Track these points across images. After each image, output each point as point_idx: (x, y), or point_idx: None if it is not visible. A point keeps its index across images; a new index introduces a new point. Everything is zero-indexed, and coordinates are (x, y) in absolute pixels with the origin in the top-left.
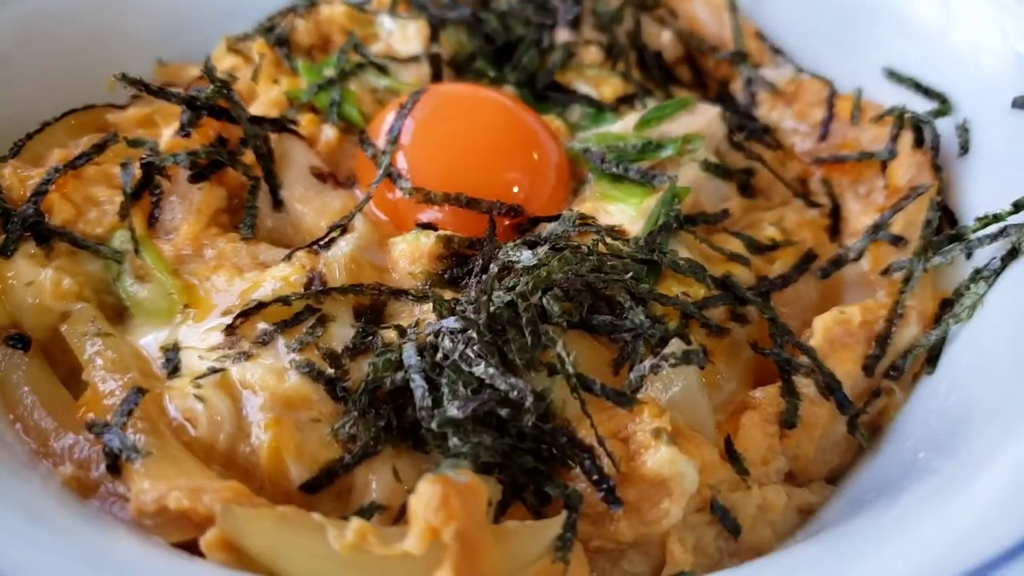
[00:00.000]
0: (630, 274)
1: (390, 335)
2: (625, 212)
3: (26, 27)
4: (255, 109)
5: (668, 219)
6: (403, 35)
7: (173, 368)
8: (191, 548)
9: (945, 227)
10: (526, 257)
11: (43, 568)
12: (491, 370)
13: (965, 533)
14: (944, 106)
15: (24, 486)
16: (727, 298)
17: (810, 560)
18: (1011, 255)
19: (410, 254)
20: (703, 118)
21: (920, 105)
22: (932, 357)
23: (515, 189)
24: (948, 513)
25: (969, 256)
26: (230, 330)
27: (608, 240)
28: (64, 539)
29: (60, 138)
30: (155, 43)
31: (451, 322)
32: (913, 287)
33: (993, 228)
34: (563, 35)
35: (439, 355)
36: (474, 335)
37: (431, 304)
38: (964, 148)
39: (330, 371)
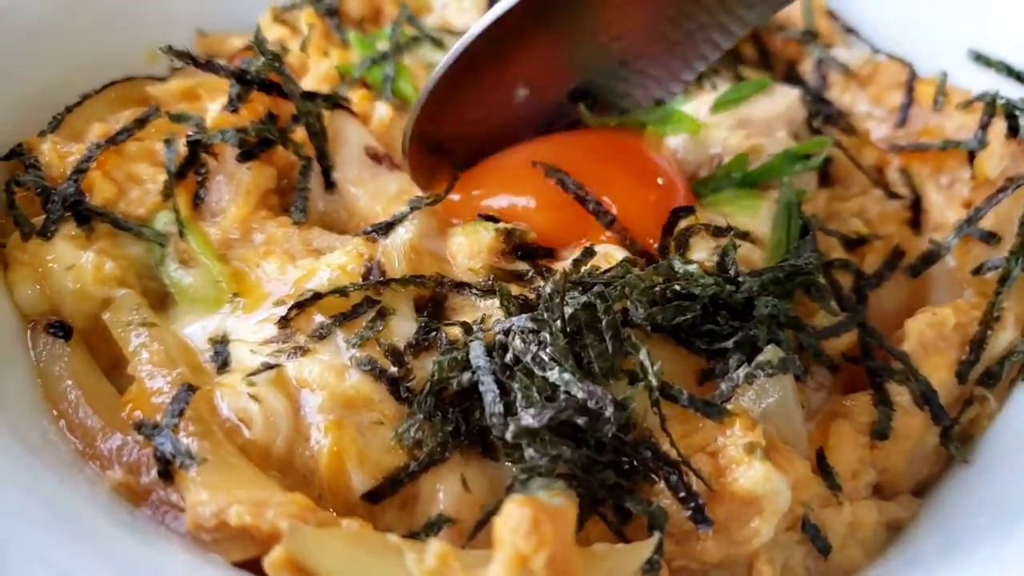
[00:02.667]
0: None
1: (455, 332)
2: (743, 218)
3: None
4: (305, 84)
5: (807, 225)
6: (459, 7)
7: (222, 362)
8: (253, 567)
9: None
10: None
11: None
12: (566, 376)
13: None
14: None
15: (70, 492)
16: (850, 325)
17: None
18: None
19: (469, 247)
20: (783, 101)
21: (1011, 90)
22: None
23: None
24: None
25: None
26: (284, 322)
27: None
28: (115, 555)
29: (100, 112)
30: (195, 12)
31: (523, 321)
32: (1010, 288)
33: None
34: None
35: (508, 356)
36: (547, 337)
37: (496, 299)
38: None
39: (393, 369)
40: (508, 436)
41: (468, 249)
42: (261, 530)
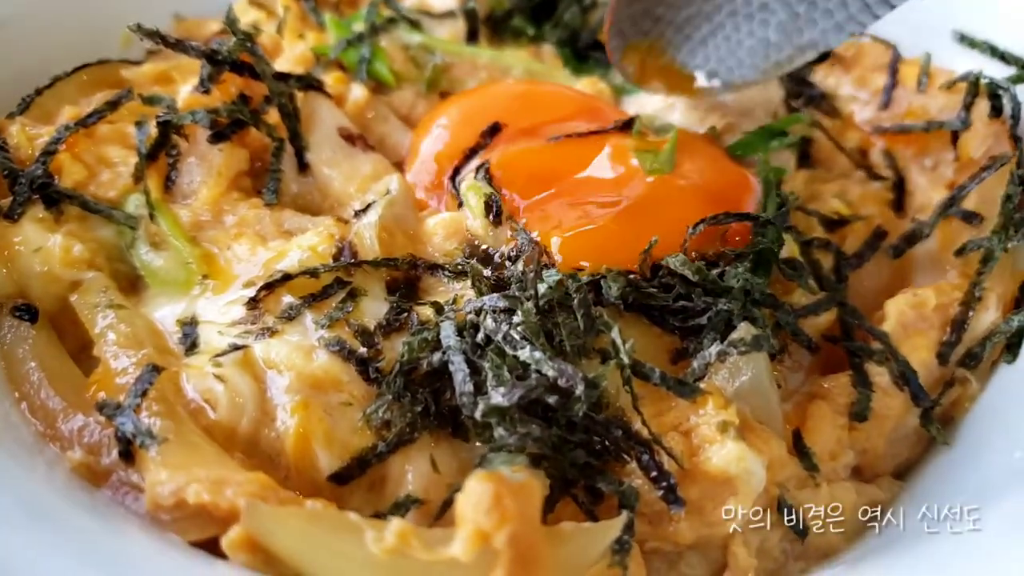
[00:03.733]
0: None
1: (426, 312)
2: None
3: None
4: (279, 65)
5: (783, 203)
6: None
7: (191, 344)
8: (211, 547)
9: None
10: None
11: (47, 571)
12: (537, 354)
13: None
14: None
15: (28, 474)
16: (829, 303)
17: None
18: None
19: (445, 227)
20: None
21: (996, 71)
22: (1013, 344)
23: None
24: None
25: None
26: (253, 303)
27: None
28: (71, 536)
29: (71, 94)
30: None
31: (495, 300)
32: (992, 268)
33: None
34: None
35: (480, 335)
36: (519, 315)
37: (469, 280)
38: None
39: (362, 350)
40: (477, 415)
41: (445, 229)
42: (220, 508)
